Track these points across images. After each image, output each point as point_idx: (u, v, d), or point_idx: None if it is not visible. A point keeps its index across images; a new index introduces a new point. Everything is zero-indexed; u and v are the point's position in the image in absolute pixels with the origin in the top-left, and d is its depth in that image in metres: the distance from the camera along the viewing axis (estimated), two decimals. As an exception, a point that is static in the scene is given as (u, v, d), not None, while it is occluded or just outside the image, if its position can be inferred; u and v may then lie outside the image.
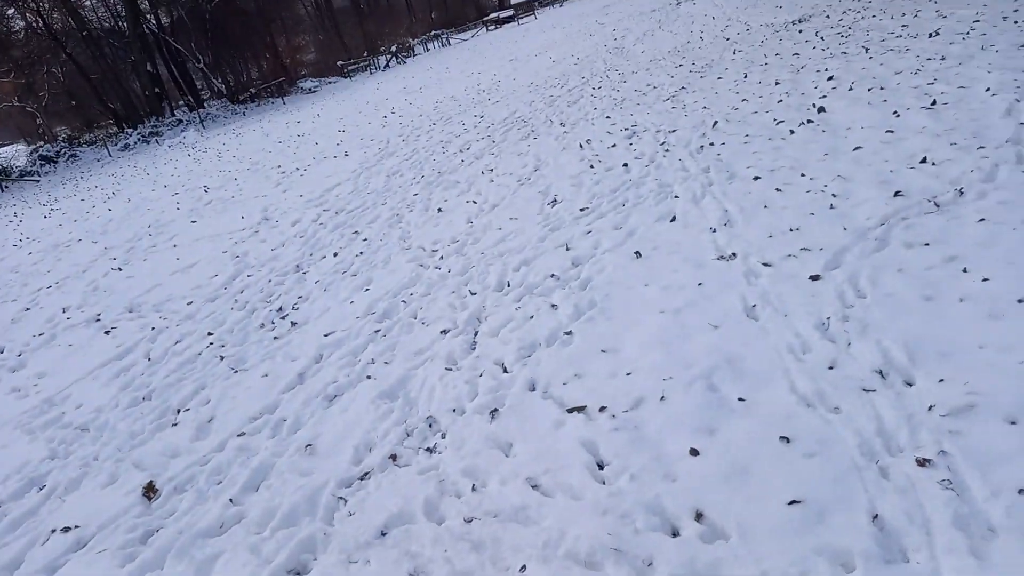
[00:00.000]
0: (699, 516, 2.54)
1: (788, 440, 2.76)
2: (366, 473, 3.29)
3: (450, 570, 2.54)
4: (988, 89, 6.28)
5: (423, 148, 10.41)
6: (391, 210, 7.70)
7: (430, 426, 3.54)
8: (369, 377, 4.19)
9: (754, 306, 3.84)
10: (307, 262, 6.70)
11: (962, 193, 4.44)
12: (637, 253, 4.92)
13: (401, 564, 2.64)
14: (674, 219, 5.35)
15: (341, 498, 3.14)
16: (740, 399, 3.11)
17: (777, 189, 5.32)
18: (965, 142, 5.25)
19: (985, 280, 3.40)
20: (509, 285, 5.02)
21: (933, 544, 2.14)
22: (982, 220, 4.00)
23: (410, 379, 4.05)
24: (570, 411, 3.36)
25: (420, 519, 2.88)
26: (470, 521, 2.78)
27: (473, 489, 2.97)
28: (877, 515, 2.31)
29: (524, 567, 2.48)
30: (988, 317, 3.13)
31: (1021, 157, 4.74)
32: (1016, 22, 8.63)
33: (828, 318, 3.53)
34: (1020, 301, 3.15)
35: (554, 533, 2.60)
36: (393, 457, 3.35)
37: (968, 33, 8.71)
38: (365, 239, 6.93)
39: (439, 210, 7.25)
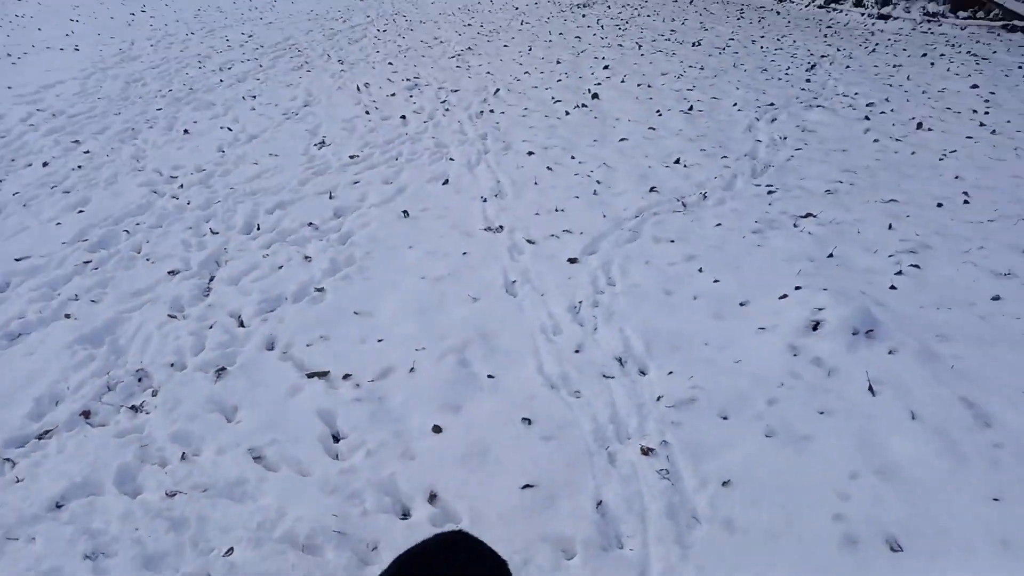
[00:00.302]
0: (433, 497, 2.47)
1: (529, 422, 2.78)
2: (47, 431, 2.76)
3: (139, 552, 2.19)
4: (735, 104, 7.00)
5: (175, 59, 9.20)
6: (125, 123, 6.67)
7: (139, 380, 3.07)
8: (68, 316, 3.55)
9: (514, 282, 3.86)
10: (5, 168, 5.57)
11: (705, 197, 4.87)
12: (405, 212, 4.73)
13: (76, 544, 2.22)
14: (447, 182, 5.24)
15: (8, 460, 2.61)
16: (489, 376, 3.09)
17: (548, 167, 5.44)
18: (712, 150, 5.78)
19: (716, 281, 3.73)
20: (259, 228, 4.57)
21: (646, 532, 2.27)
22: (719, 224, 4.41)
23: (121, 323, 3.50)
24: (310, 376, 3.11)
25: (110, 490, 2.46)
26: (173, 495, 2.44)
27: (183, 458, 2.62)
28: (601, 502, 2.40)
29: (231, 550, 2.22)
30: (714, 316, 3.44)
31: (755, 171, 5.32)
32: (762, 47, 9.76)
33: (580, 302, 3.65)
34: (741, 304, 3.49)
35: (272, 512, 2.36)
36: (86, 414, 2.85)
37: (724, 49, 9.67)
38: (87, 151, 5.93)
39: (185, 131, 6.43)
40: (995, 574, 1.91)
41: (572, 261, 4.07)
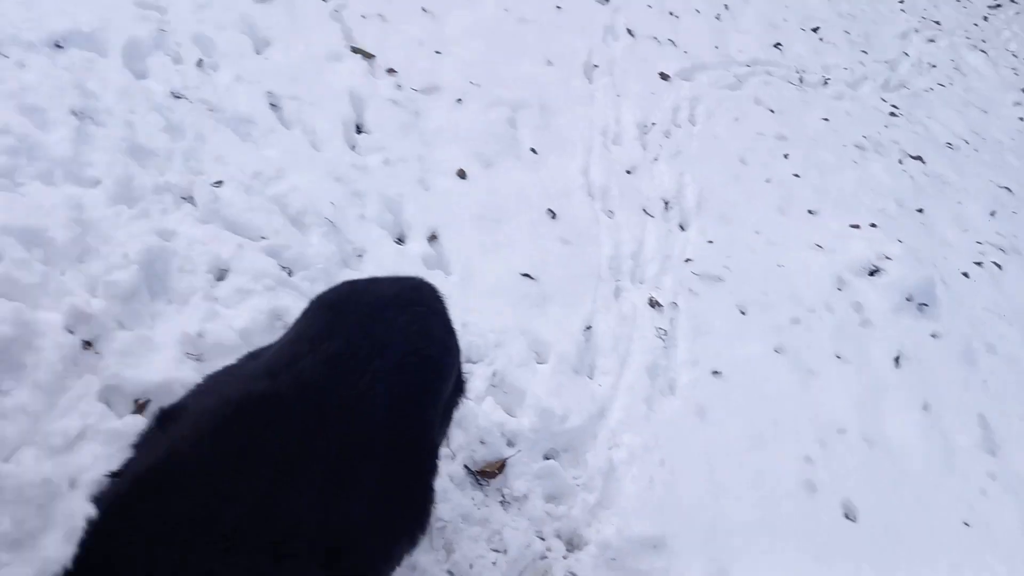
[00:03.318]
0: (433, 238, 2.40)
1: (554, 215, 2.69)
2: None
3: (128, 136, 2.01)
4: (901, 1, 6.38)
5: None
6: None
7: None
8: None
9: (596, 66, 3.60)
10: None
11: (826, 83, 4.53)
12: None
13: (66, 94, 1.99)
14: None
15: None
16: (533, 150, 2.93)
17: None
18: (856, 37, 5.27)
19: (796, 176, 3.54)
20: None
21: (621, 376, 2.28)
22: (826, 119, 4.12)
23: None
24: (355, 51, 2.89)
25: (115, 58, 2.25)
26: (178, 97, 2.28)
27: (199, 64, 2.44)
28: (591, 327, 2.39)
29: (220, 183, 2.12)
30: (777, 209, 3.29)
31: (887, 84, 4.93)
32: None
33: (653, 124, 3.44)
34: (810, 212, 3.34)
35: (272, 169, 2.25)
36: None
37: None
38: None
39: None
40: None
41: (664, 77, 3.79)
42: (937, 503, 2.26)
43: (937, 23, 6.45)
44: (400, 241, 2.36)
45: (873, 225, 3.32)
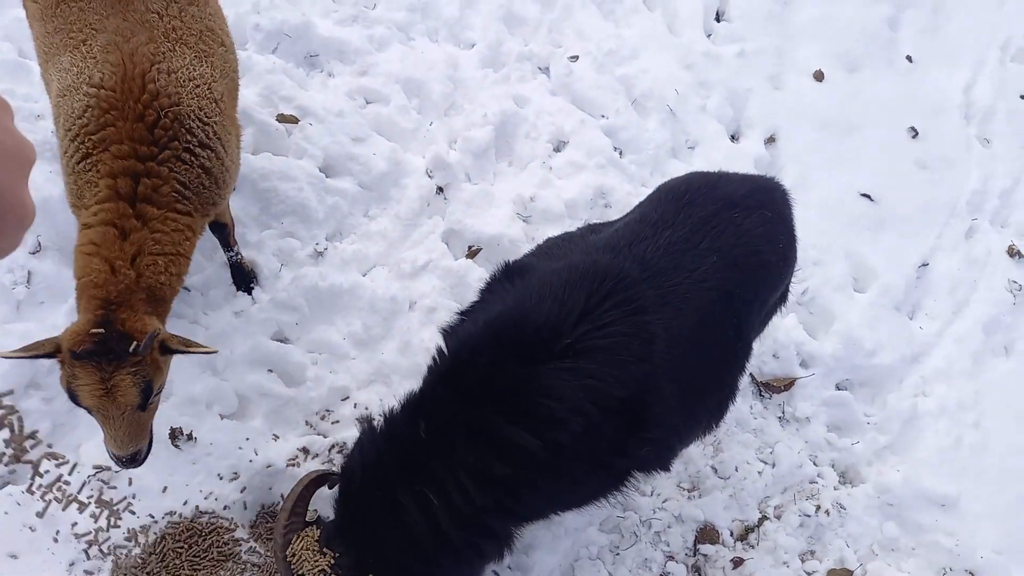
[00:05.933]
0: (770, 140, 2.34)
1: (916, 134, 2.46)
2: None
3: None
4: None
5: None
6: None
7: None
8: None
9: None
10: None
11: None
12: None
13: None
14: None
15: None
16: (908, 58, 2.65)
17: None
18: None
19: None
20: None
21: (951, 324, 2.12)
22: None
23: None
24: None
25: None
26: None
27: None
28: (927, 264, 2.21)
29: (575, 57, 2.28)
30: None
31: None
32: None
33: None
34: None
35: (626, 48, 2.34)
36: None
37: None
38: None
39: None
40: None
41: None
42: None
43: None
44: (734, 139, 2.34)
45: None
